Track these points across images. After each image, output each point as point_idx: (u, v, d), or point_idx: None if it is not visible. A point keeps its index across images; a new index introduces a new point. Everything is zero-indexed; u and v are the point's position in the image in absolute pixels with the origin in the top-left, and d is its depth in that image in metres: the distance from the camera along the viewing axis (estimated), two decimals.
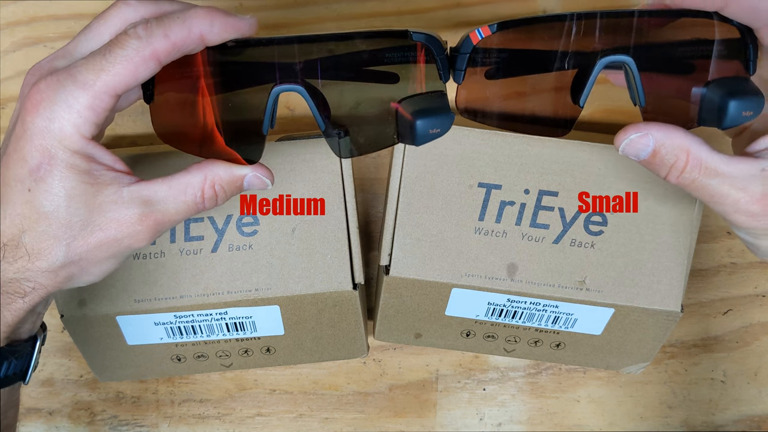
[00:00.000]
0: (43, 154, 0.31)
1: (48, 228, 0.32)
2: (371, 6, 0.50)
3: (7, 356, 0.34)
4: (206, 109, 0.35)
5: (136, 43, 0.31)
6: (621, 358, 0.49)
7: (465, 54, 0.35)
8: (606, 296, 0.44)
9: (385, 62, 0.35)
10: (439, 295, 0.44)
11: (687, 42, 0.36)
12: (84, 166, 0.32)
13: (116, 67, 0.31)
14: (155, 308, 0.43)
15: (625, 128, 0.34)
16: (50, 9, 0.50)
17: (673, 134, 0.33)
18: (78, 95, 0.31)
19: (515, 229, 0.44)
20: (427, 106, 0.35)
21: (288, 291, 0.43)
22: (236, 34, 0.32)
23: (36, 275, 0.33)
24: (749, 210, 0.33)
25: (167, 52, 0.31)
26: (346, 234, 0.43)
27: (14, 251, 0.32)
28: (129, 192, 0.33)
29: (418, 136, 0.35)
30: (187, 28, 0.31)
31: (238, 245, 0.43)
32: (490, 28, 0.34)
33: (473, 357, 0.54)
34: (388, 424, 0.54)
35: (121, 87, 0.31)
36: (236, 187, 0.35)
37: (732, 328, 0.54)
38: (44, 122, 0.31)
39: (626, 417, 0.54)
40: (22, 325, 0.35)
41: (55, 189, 0.32)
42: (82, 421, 0.54)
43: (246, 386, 0.54)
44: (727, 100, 0.34)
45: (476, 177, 0.44)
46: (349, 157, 0.43)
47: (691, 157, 0.33)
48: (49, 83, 0.31)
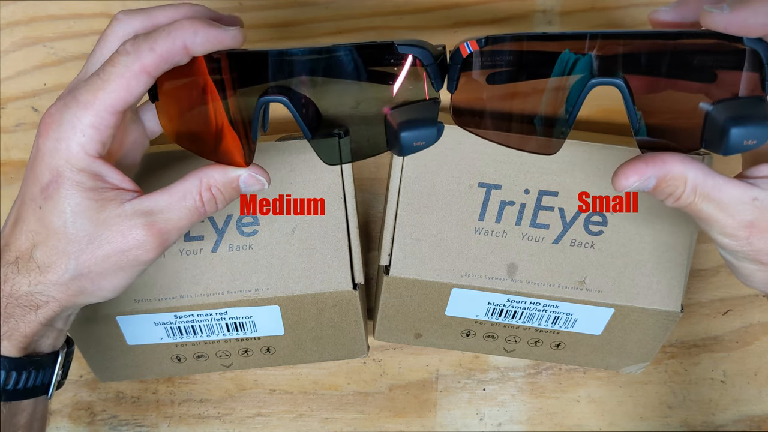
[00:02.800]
0: (52, 173, 0.33)
1: (57, 243, 0.34)
2: (371, 5, 0.50)
3: (26, 366, 0.35)
4: (207, 112, 0.36)
5: (125, 59, 0.32)
6: (621, 358, 0.49)
7: (456, 65, 0.35)
8: (606, 296, 0.44)
9: (373, 76, 0.35)
10: (439, 295, 0.44)
11: (691, 60, 0.34)
12: (90, 184, 0.33)
13: (111, 85, 0.32)
14: (155, 308, 0.43)
15: (624, 171, 0.34)
16: (50, 9, 0.50)
17: (671, 167, 0.33)
18: (81, 115, 0.33)
19: (515, 229, 0.44)
20: (414, 117, 0.35)
21: (288, 291, 0.43)
22: (220, 45, 0.33)
23: (48, 288, 0.34)
24: (735, 235, 0.34)
25: (155, 65, 0.32)
26: (346, 234, 0.43)
27: (26, 265, 0.34)
28: (131, 206, 0.34)
29: (403, 147, 0.35)
30: (172, 40, 0.32)
31: (238, 245, 0.43)
32: (478, 42, 0.34)
33: (473, 357, 0.54)
34: (388, 424, 0.54)
35: (119, 103, 0.33)
36: (233, 189, 0.36)
37: (732, 328, 0.54)
38: (53, 143, 0.33)
39: (626, 417, 0.54)
40: (39, 338, 0.36)
41: (62, 206, 0.33)
42: (82, 421, 0.54)
43: (246, 386, 0.54)
44: (729, 127, 0.32)
45: (476, 177, 0.44)
46: (337, 164, 0.43)
47: (688, 185, 0.34)
48: (58, 107, 0.33)
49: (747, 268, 0.36)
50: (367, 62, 0.35)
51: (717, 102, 0.33)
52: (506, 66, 0.35)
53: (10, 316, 0.34)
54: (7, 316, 0.34)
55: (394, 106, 0.36)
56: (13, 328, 0.34)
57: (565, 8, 0.50)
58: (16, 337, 0.35)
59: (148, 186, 0.44)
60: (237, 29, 0.33)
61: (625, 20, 0.50)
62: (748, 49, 0.32)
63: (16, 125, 0.51)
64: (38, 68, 0.50)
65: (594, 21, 0.50)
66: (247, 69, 0.35)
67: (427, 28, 0.50)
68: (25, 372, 0.35)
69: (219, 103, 0.36)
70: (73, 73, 0.50)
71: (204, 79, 0.35)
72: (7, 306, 0.34)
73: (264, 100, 0.35)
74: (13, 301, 0.34)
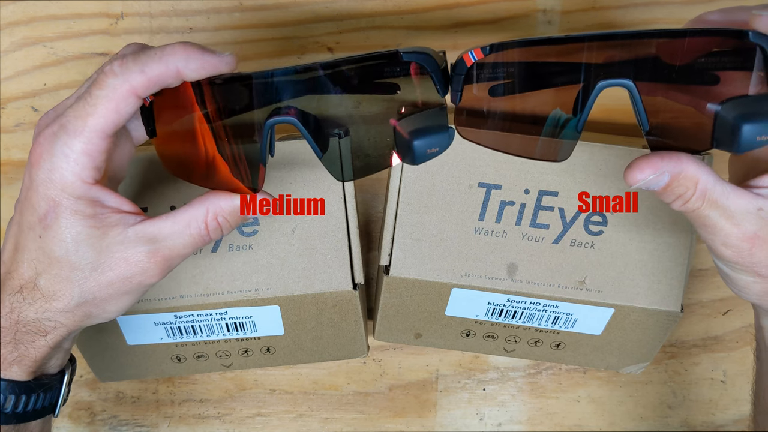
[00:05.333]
0: (49, 202, 0.33)
1: (60, 271, 0.33)
2: (371, 5, 0.50)
3: (35, 390, 0.36)
4: (206, 141, 0.35)
5: (113, 81, 0.32)
6: (621, 358, 0.49)
7: (460, 75, 0.34)
8: (606, 296, 0.44)
9: (378, 89, 0.35)
10: (439, 295, 0.44)
11: (699, 58, 0.33)
12: (89, 211, 0.33)
13: (99, 109, 0.32)
14: (155, 308, 0.43)
15: (639, 164, 0.33)
16: (50, 9, 0.50)
17: (686, 166, 0.33)
18: (72, 144, 0.32)
19: (515, 229, 0.44)
20: (425, 125, 0.35)
21: (288, 291, 0.43)
22: (213, 71, 0.32)
23: (54, 315, 0.34)
24: (737, 245, 0.34)
25: (144, 88, 0.32)
26: (346, 234, 0.43)
27: (32, 293, 0.34)
28: (134, 231, 0.34)
29: (416, 155, 0.35)
30: (164, 64, 0.32)
31: (238, 245, 0.43)
32: (483, 50, 0.33)
33: (473, 357, 0.54)
34: (388, 424, 0.54)
35: (109, 127, 0.32)
36: (240, 218, 0.35)
37: (732, 328, 0.54)
38: (46, 174, 0.32)
39: (626, 417, 0.54)
40: (48, 360, 0.36)
41: (63, 235, 0.33)
42: (82, 421, 0.54)
43: (246, 386, 0.54)
44: (741, 124, 0.32)
45: (476, 177, 0.44)
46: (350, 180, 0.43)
47: (698, 188, 0.33)
48: (47, 136, 0.33)
49: (743, 279, 0.35)
50: (371, 74, 0.34)
51: (727, 100, 0.33)
52: (512, 74, 0.34)
53: (20, 342, 0.34)
54: (17, 342, 0.34)
55: (402, 115, 0.35)
56: (23, 354, 0.35)
57: (565, 8, 0.50)
58: (26, 362, 0.35)
59: (141, 189, 0.44)
60: (230, 55, 0.32)
61: (625, 20, 0.50)
62: (756, 47, 0.32)
63: (15, 125, 0.51)
64: (38, 68, 0.50)
65: (594, 21, 0.50)
66: (248, 92, 0.34)
67: (427, 28, 0.50)
68: (35, 394, 0.36)
69: (220, 128, 0.35)
70: (73, 73, 0.51)
71: (202, 103, 0.34)
72: (16, 333, 0.34)
73: (271, 122, 0.34)
74: (21, 327, 0.34)
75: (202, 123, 0.35)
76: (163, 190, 0.43)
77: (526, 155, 0.36)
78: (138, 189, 0.44)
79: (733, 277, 0.36)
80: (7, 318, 0.34)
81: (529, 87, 0.35)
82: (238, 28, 0.50)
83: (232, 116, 0.35)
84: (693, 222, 0.35)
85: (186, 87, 0.33)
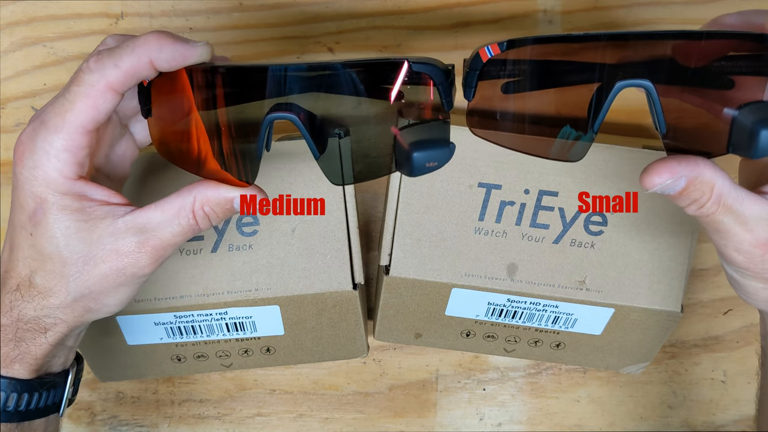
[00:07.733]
0: (35, 200, 0.33)
1: (53, 267, 0.34)
2: (372, 5, 0.50)
3: (37, 388, 0.36)
4: (199, 129, 0.35)
5: (89, 77, 0.32)
6: (621, 358, 0.49)
7: (475, 71, 0.33)
8: (606, 296, 0.44)
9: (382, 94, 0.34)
10: (439, 295, 0.44)
11: (715, 61, 0.33)
12: (76, 205, 0.33)
13: (77, 106, 0.32)
14: (155, 308, 0.43)
15: (656, 168, 0.32)
16: (50, 9, 0.50)
17: (703, 170, 0.32)
18: (52, 140, 0.32)
19: (515, 229, 0.44)
20: (426, 138, 0.34)
21: (288, 291, 0.43)
22: (185, 61, 0.32)
23: (53, 311, 0.34)
24: (750, 251, 0.33)
25: (121, 82, 0.32)
26: (346, 234, 0.43)
27: (29, 291, 0.34)
28: (124, 222, 0.34)
29: (414, 168, 0.34)
30: (137, 56, 0.32)
31: (238, 245, 0.43)
32: (500, 46, 0.33)
33: (473, 357, 0.54)
34: (388, 424, 0.54)
35: (88, 122, 0.32)
36: (227, 209, 0.35)
37: (732, 328, 0.54)
38: (29, 171, 0.33)
39: (626, 417, 0.54)
40: (51, 359, 0.36)
41: (52, 231, 0.33)
42: (82, 421, 0.54)
43: (246, 386, 0.54)
44: (759, 129, 0.31)
45: (476, 177, 0.44)
46: (349, 184, 0.42)
47: (714, 193, 0.32)
48: (28, 134, 0.33)
49: (752, 286, 0.35)
50: (376, 79, 0.34)
51: (744, 105, 0.33)
52: (525, 71, 0.34)
53: (21, 340, 0.35)
54: (18, 340, 0.35)
55: (403, 125, 0.35)
56: (25, 352, 0.35)
57: (566, 8, 0.50)
58: (28, 360, 0.35)
59: (146, 187, 0.44)
60: (204, 44, 0.32)
61: (627, 19, 0.50)
62: None
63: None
64: (38, 68, 0.50)
65: (596, 20, 0.50)
66: (249, 84, 0.34)
67: (428, 28, 0.50)
68: (37, 393, 0.36)
69: (216, 119, 0.34)
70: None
71: (198, 92, 0.34)
72: (17, 331, 0.34)
73: (271, 118, 0.33)
74: (22, 325, 0.34)
75: (199, 110, 0.34)
76: (164, 190, 0.43)
77: (539, 154, 0.36)
78: (138, 189, 0.44)
79: (743, 283, 0.36)
80: (7, 316, 0.34)
81: (543, 85, 0.35)
82: (238, 28, 0.50)
83: (230, 108, 0.34)
84: (705, 227, 0.34)
85: (183, 73, 0.33)
